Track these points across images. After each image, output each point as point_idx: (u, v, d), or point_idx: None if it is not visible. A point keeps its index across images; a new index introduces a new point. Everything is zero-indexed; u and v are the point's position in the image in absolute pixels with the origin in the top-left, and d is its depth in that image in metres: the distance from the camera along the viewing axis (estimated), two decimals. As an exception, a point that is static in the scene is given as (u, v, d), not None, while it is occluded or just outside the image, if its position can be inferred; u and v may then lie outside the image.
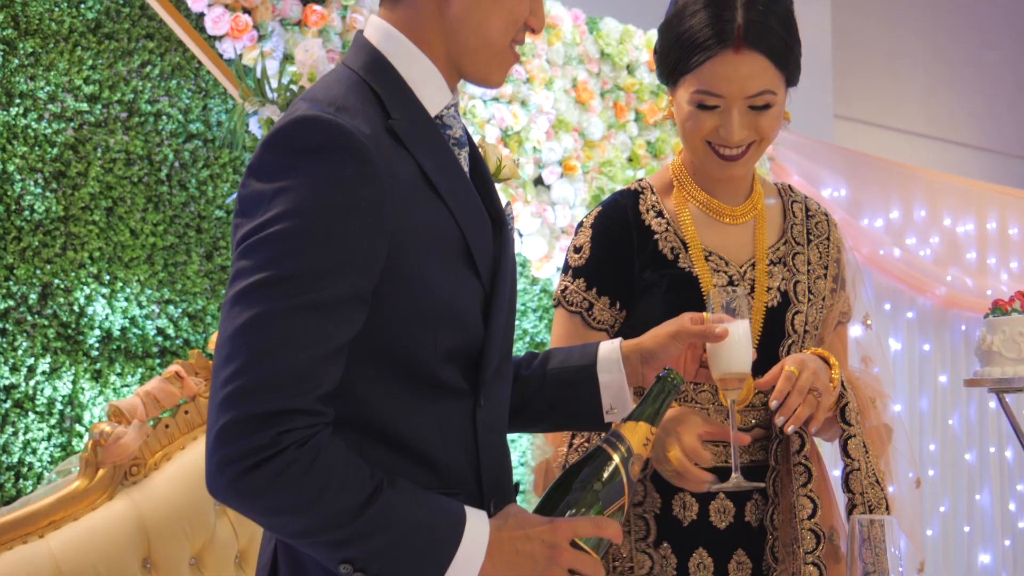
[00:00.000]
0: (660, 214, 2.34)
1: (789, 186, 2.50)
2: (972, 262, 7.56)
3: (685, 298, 2.27)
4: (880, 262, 7.04)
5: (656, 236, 2.32)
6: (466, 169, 1.79)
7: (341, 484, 1.53)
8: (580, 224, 2.39)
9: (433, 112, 1.76)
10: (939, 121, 8.93)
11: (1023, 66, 9.52)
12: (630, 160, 5.24)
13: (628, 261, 2.32)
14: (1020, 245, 7.80)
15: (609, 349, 1.98)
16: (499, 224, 1.81)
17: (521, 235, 4.82)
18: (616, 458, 1.68)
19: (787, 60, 2.28)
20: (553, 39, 5.05)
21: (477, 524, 1.60)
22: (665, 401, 1.74)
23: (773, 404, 2.11)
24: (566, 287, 2.34)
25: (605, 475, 1.66)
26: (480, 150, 1.89)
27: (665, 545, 2.27)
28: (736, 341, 2.00)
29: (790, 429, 2.12)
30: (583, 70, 5.16)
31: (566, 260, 2.37)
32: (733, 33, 2.19)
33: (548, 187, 4.97)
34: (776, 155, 6.32)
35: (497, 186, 1.94)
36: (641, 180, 2.42)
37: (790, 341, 2.31)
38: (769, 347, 2.27)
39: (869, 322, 2.52)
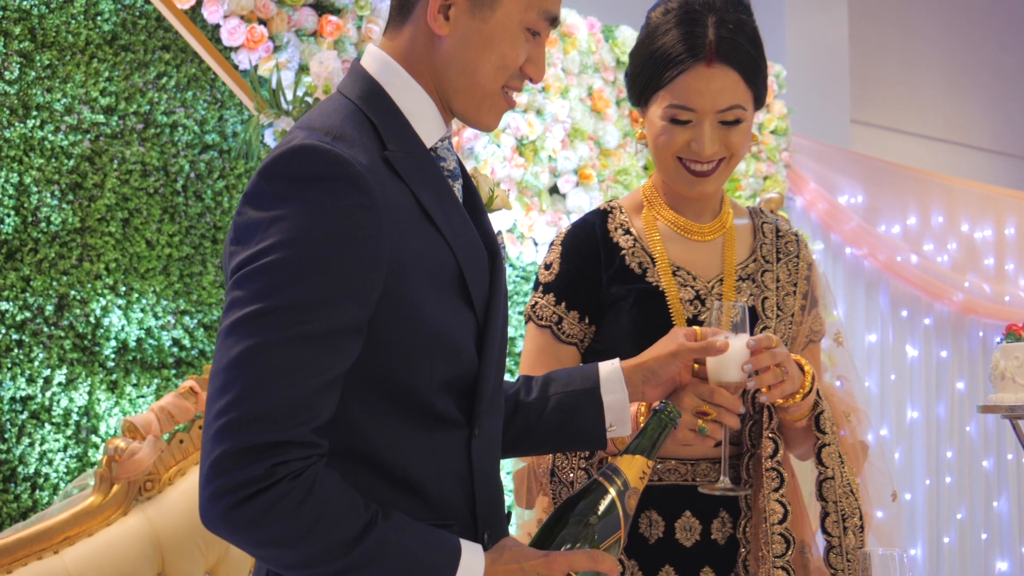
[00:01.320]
0: (628, 232, 2.39)
1: (760, 208, 2.54)
2: (990, 268, 7.53)
3: (651, 312, 2.31)
4: (897, 269, 7.02)
5: (623, 252, 2.36)
6: (460, 201, 1.79)
7: (335, 517, 1.52)
8: (551, 243, 2.44)
9: (428, 144, 1.76)
10: (956, 125, 8.90)
11: (1041, 70, 9.48)
12: (645, 168, 5.24)
13: (596, 276, 2.36)
14: (1038, 251, 7.77)
15: (610, 370, 1.99)
16: (493, 255, 1.80)
17: (536, 244, 4.81)
18: (612, 492, 1.69)
19: (756, 77, 2.31)
20: (568, 48, 5.05)
21: (472, 557, 1.59)
22: (662, 435, 1.76)
23: (750, 344, 2.11)
24: (536, 302, 2.39)
25: (601, 509, 1.67)
26: (473, 180, 1.90)
27: (632, 562, 2.28)
28: (738, 354, 2.04)
29: (750, 384, 2.13)
30: (599, 78, 5.16)
31: (537, 277, 2.43)
32: (705, 47, 2.24)
33: (563, 196, 4.97)
34: (793, 162, 6.30)
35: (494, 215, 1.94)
36: (612, 201, 2.47)
37: (741, 384, 2.31)
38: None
39: (840, 340, 2.53)
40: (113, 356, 3.90)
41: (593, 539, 1.64)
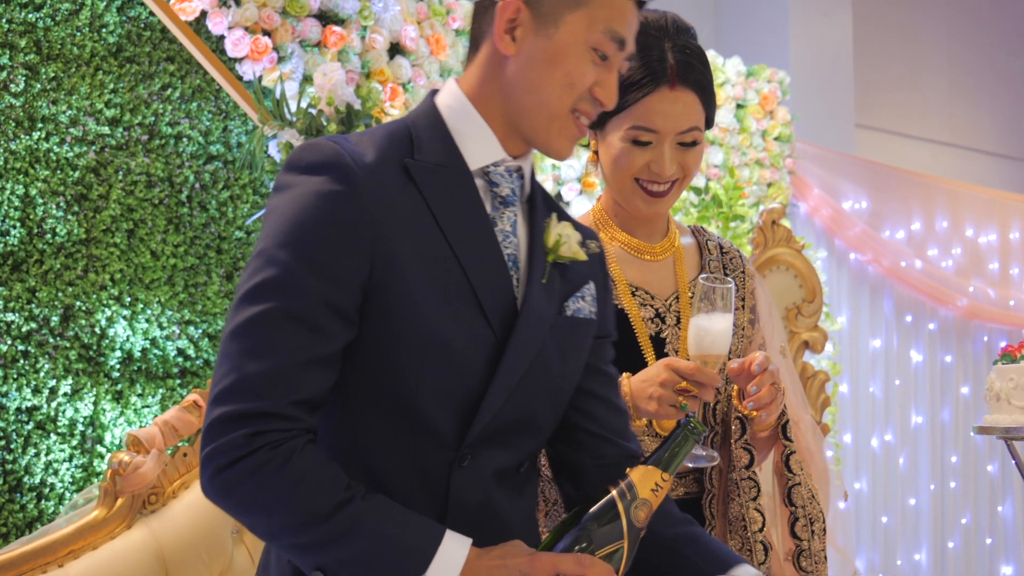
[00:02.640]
0: None
1: (702, 227, 2.58)
2: (995, 273, 7.54)
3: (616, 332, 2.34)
4: (901, 274, 7.03)
5: None
6: (508, 227, 1.78)
7: (313, 488, 1.55)
8: None
9: (473, 165, 1.78)
10: (961, 129, 8.90)
11: (1046, 74, 9.48)
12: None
13: None
14: (1043, 255, 7.77)
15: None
16: (531, 284, 1.78)
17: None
18: (618, 500, 1.66)
19: (710, 99, 2.38)
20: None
21: (454, 547, 1.58)
22: (682, 449, 1.72)
23: (755, 368, 2.21)
24: None
25: (604, 516, 1.64)
26: (549, 223, 1.87)
27: None
28: (723, 330, 2.12)
29: (749, 405, 2.24)
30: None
31: None
32: (667, 72, 2.28)
33: (567, 204, 4.98)
34: (796, 168, 6.31)
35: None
36: None
37: (724, 359, 2.36)
38: None
39: (785, 352, 2.59)
40: (118, 366, 3.92)
41: (589, 545, 1.62)
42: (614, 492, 1.67)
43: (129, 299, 3.96)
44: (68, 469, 3.81)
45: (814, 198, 6.57)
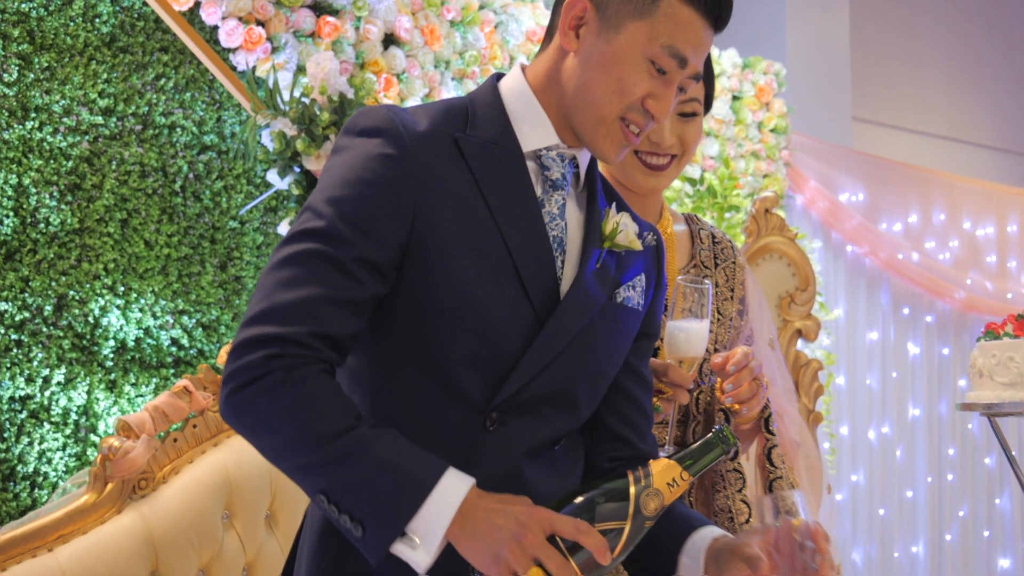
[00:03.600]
0: None
1: (696, 215, 2.57)
2: (992, 265, 7.54)
3: None
4: (898, 266, 7.03)
5: None
6: (555, 210, 1.80)
7: (322, 410, 1.58)
8: None
9: (527, 147, 1.81)
10: (960, 123, 8.90)
11: (1045, 67, 9.47)
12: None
13: None
14: (1041, 248, 7.77)
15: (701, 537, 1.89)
16: (583, 265, 1.80)
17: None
18: (632, 483, 1.64)
19: (711, 78, 2.36)
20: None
21: (455, 482, 1.58)
22: (708, 455, 1.69)
23: (730, 368, 2.22)
24: None
25: (613, 494, 1.62)
26: (608, 211, 1.89)
27: None
28: (699, 331, 2.13)
29: (728, 400, 2.24)
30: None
31: None
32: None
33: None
34: (793, 160, 6.31)
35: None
36: None
37: (701, 360, 2.37)
38: None
39: (773, 345, 2.58)
40: (112, 356, 3.93)
41: (591, 516, 1.60)
42: (630, 475, 1.66)
43: (123, 288, 3.97)
44: (62, 458, 3.81)
45: (810, 190, 6.57)
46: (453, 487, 1.58)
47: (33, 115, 3.88)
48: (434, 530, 1.56)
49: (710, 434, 1.69)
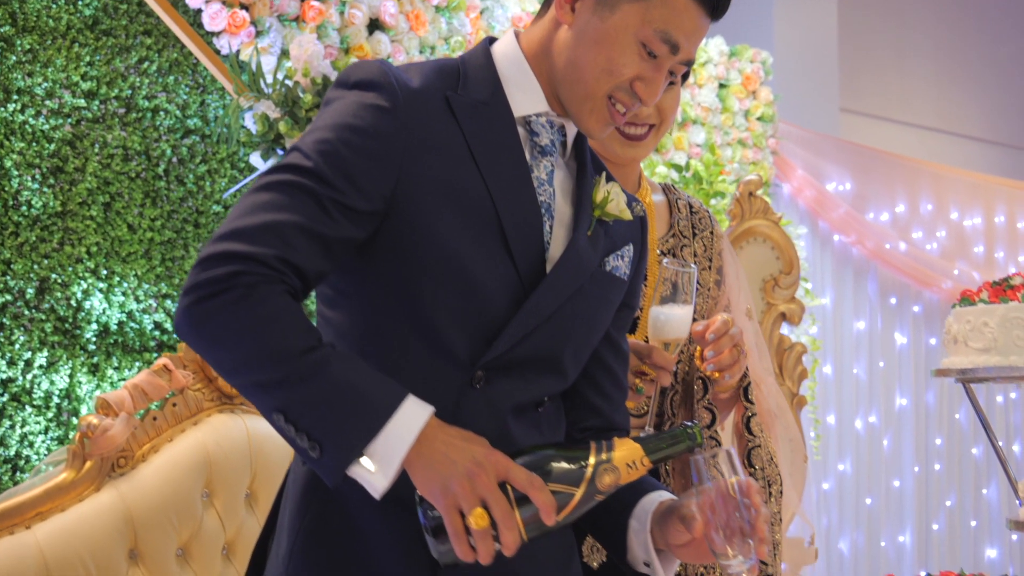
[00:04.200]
0: None
1: (673, 185, 2.56)
2: (980, 256, 7.55)
3: None
4: (885, 256, 7.04)
5: None
6: (544, 176, 1.80)
7: (284, 328, 1.56)
8: None
9: (517, 112, 1.81)
10: (948, 114, 8.91)
11: (1033, 59, 9.48)
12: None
13: None
14: (1029, 239, 7.78)
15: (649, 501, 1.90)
16: (576, 231, 1.81)
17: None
18: (593, 453, 1.63)
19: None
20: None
21: (416, 409, 1.58)
22: (673, 447, 1.67)
23: (709, 336, 2.22)
24: None
25: (572, 459, 1.62)
26: (599, 180, 1.90)
27: None
28: (683, 316, 2.14)
29: (709, 368, 2.25)
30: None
31: None
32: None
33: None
34: (780, 149, 6.31)
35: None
36: None
37: (685, 342, 2.37)
38: None
39: (750, 315, 2.59)
40: (94, 339, 3.92)
41: (546, 474, 1.59)
42: (593, 445, 1.65)
43: (105, 272, 3.96)
44: (44, 441, 3.80)
45: (797, 179, 6.57)
46: (414, 413, 1.57)
47: (15, 97, 3.87)
48: (393, 454, 1.55)
49: (680, 428, 1.68)
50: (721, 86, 5.98)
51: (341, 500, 1.72)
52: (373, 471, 1.56)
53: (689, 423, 1.68)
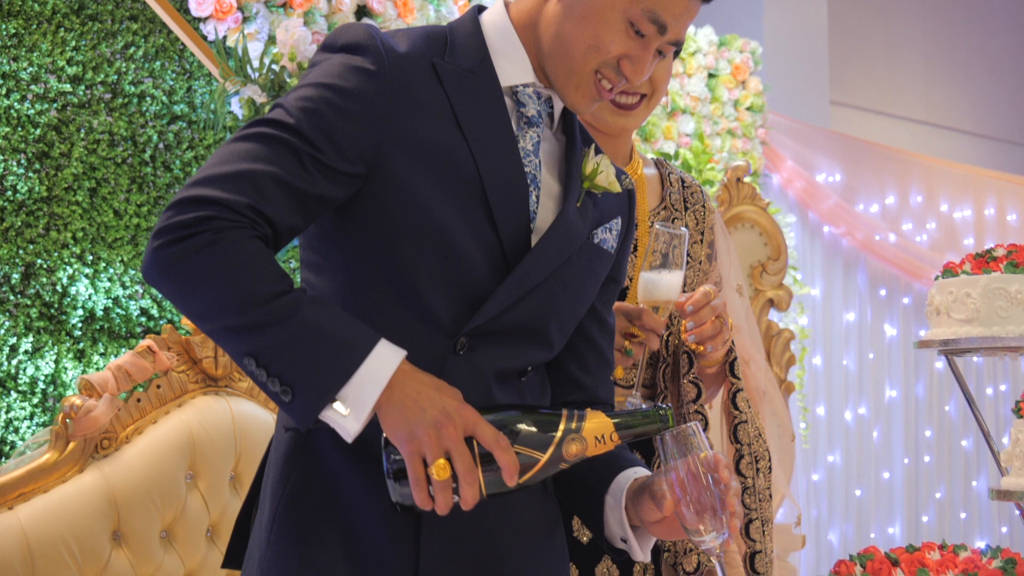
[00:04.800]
0: None
1: (664, 160, 2.56)
2: (969, 248, 7.55)
3: None
4: (875, 247, 7.04)
5: None
6: (530, 147, 1.80)
7: (255, 272, 1.56)
8: None
9: (504, 82, 1.80)
10: (938, 108, 8.91)
11: (1022, 54, 9.48)
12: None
13: None
14: (1019, 231, 7.78)
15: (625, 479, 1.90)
16: (566, 203, 1.80)
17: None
18: (563, 421, 1.63)
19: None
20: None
21: (389, 353, 1.57)
22: (644, 427, 1.67)
23: (688, 308, 2.22)
24: None
25: (541, 425, 1.61)
26: (587, 152, 1.89)
27: None
28: (673, 277, 2.14)
29: (689, 339, 2.25)
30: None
31: None
32: None
33: None
34: (769, 139, 6.31)
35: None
36: None
37: (674, 305, 2.37)
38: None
39: (741, 291, 2.58)
40: (80, 325, 3.90)
41: (513, 435, 1.59)
42: (564, 413, 1.65)
43: (91, 258, 3.94)
44: (29, 427, 3.79)
45: (787, 170, 6.57)
46: (386, 357, 1.57)
47: (0, 82, 3.85)
48: (365, 398, 1.55)
49: (653, 408, 1.68)
50: (710, 76, 5.98)
51: (323, 466, 1.71)
52: (345, 415, 1.56)
53: (662, 405, 1.68)
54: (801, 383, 6.09)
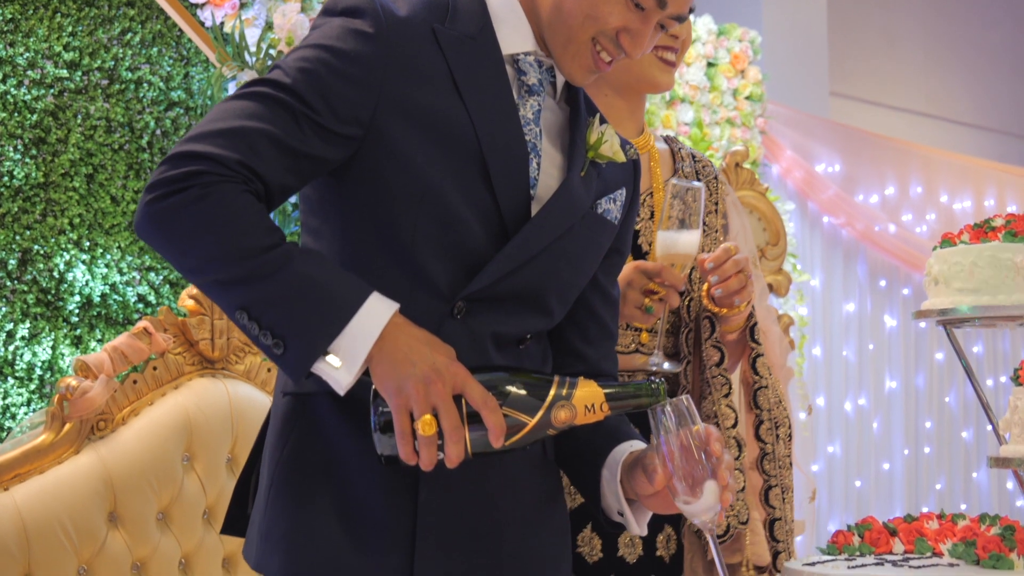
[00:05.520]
0: None
1: (673, 136, 2.56)
2: (969, 240, 7.52)
3: None
4: (875, 238, 7.03)
5: None
6: (530, 115, 1.78)
7: (247, 225, 1.56)
8: None
9: (505, 50, 1.79)
10: (938, 99, 8.89)
11: (1022, 45, 9.47)
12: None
13: None
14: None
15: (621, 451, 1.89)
16: (570, 172, 1.79)
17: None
18: (555, 387, 1.61)
19: None
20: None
21: (381, 305, 1.57)
22: (634, 400, 1.65)
23: (708, 265, 2.22)
24: None
25: (532, 389, 1.60)
26: (592, 122, 1.87)
27: None
28: (691, 232, 2.14)
29: (717, 292, 2.24)
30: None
31: None
32: None
33: None
34: (768, 129, 6.29)
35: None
36: None
37: (692, 261, 2.36)
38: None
39: (755, 263, 2.58)
40: (77, 311, 3.89)
41: (503, 397, 1.58)
42: (556, 379, 1.63)
43: (88, 244, 3.93)
44: (26, 413, 3.78)
45: (786, 160, 6.56)
46: (379, 309, 1.57)
47: (-3, 67, 3.84)
48: (357, 350, 1.55)
49: (646, 382, 1.66)
50: (709, 64, 5.96)
51: (320, 430, 1.71)
52: (338, 367, 1.55)
53: (656, 379, 1.67)
54: (800, 370, 6.08)
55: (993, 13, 9.32)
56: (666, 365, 2.26)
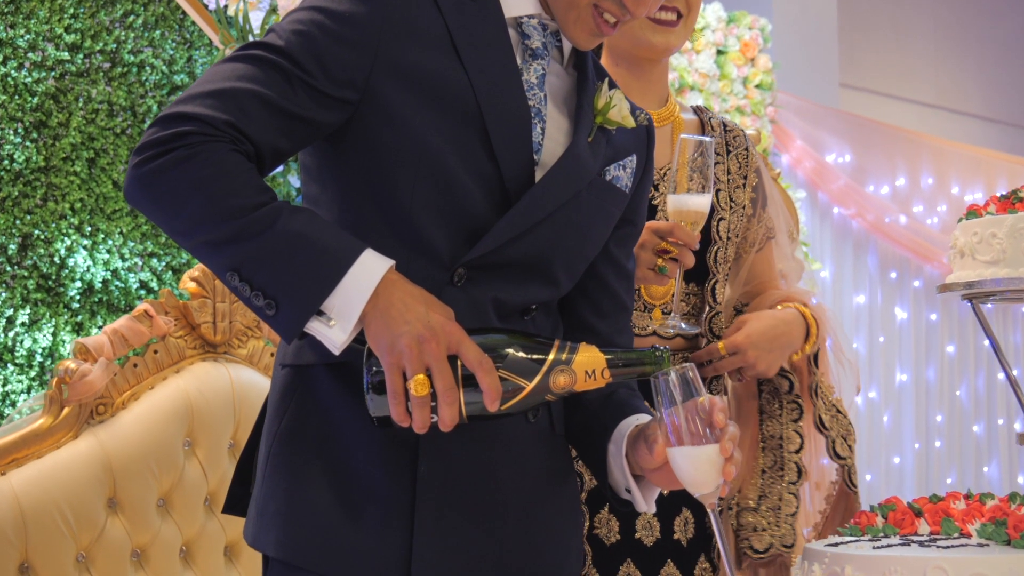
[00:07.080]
0: None
1: (704, 107, 2.49)
2: (981, 232, 7.46)
3: None
4: (886, 229, 6.97)
5: None
6: (534, 79, 1.74)
7: (236, 184, 1.52)
8: None
9: (508, 13, 1.74)
10: (947, 91, 8.83)
11: (1033, 37, 9.42)
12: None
13: None
14: (1031, 216, 7.70)
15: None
16: (577, 136, 1.74)
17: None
18: (555, 351, 1.56)
19: None
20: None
21: (375, 261, 1.54)
22: (636, 368, 1.60)
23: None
24: None
25: (531, 352, 1.55)
26: (600, 87, 1.83)
27: (592, 568, 2.23)
28: (703, 198, 2.11)
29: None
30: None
31: None
32: None
33: None
34: (778, 118, 6.24)
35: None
36: None
37: (716, 248, 2.34)
38: (697, 254, 2.23)
39: (793, 236, 2.53)
40: (78, 297, 3.84)
41: (500, 359, 1.53)
42: (556, 344, 1.58)
43: (90, 229, 3.88)
44: (26, 400, 3.72)
45: (796, 150, 6.50)
46: (373, 265, 1.53)
47: (-3, 49, 3.79)
48: (351, 308, 1.51)
49: (650, 349, 1.61)
50: (719, 52, 5.91)
51: (318, 402, 1.67)
52: (331, 326, 1.52)
53: (659, 347, 1.61)
54: (811, 362, 6.02)
55: (1003, 5, 9.26)
56: (683, 326, 2.21)
